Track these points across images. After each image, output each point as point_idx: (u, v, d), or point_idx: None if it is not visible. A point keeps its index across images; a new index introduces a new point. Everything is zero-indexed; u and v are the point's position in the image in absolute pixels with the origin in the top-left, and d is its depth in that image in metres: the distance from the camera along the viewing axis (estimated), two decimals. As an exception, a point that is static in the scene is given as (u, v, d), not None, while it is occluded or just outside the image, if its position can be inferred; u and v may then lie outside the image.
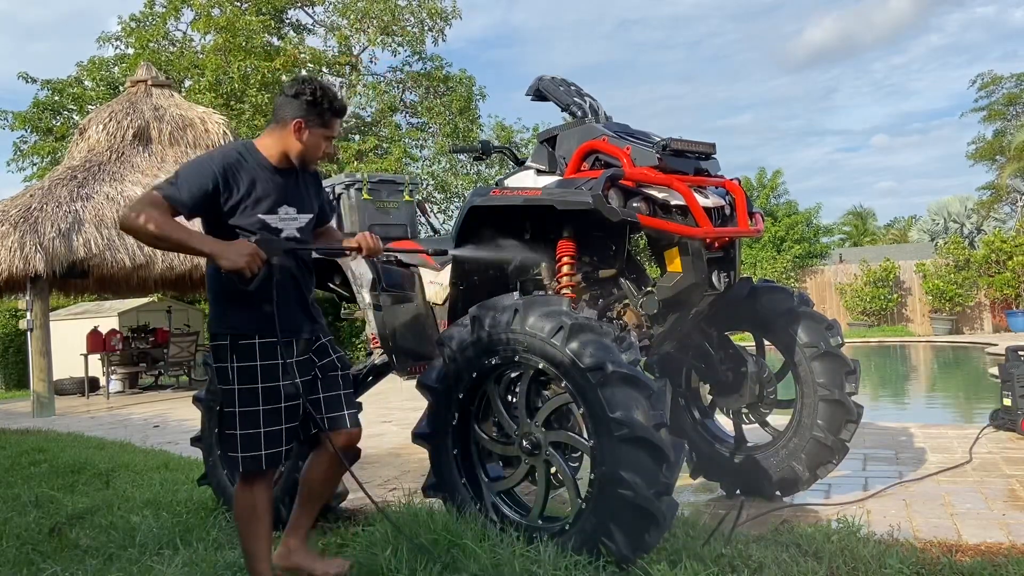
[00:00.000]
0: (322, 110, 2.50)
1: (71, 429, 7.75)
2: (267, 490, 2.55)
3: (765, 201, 22.42)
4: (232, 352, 2.46)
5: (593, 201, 2.81)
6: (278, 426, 2.48)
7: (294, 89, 2.51)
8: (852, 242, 37.98)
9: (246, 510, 2.51)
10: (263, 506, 2.52)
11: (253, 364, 2.45)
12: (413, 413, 3.24)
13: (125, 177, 11.22)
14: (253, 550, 2.51)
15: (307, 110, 2.49)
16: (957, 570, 2.55)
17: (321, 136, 2.54)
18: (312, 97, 2.48)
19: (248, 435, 2.45)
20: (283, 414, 2.49)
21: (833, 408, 3.42)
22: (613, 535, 2.46)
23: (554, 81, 3.46)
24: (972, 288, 17.41)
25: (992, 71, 32.12)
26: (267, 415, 2.46)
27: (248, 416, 2.45)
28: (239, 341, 2.46)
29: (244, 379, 2.46)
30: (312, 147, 2.54)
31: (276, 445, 2.49)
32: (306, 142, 2.52)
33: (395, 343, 3.96)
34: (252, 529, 2.50)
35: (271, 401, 2.47)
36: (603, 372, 2.47)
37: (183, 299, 16.54)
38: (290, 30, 21.47)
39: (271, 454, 2.48)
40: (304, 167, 2.61)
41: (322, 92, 2.50)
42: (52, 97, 19.98)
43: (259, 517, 2.51)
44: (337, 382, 2.66)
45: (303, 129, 2.49)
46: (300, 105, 2.49)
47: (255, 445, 2.45)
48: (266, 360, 2.46)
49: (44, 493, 4.31)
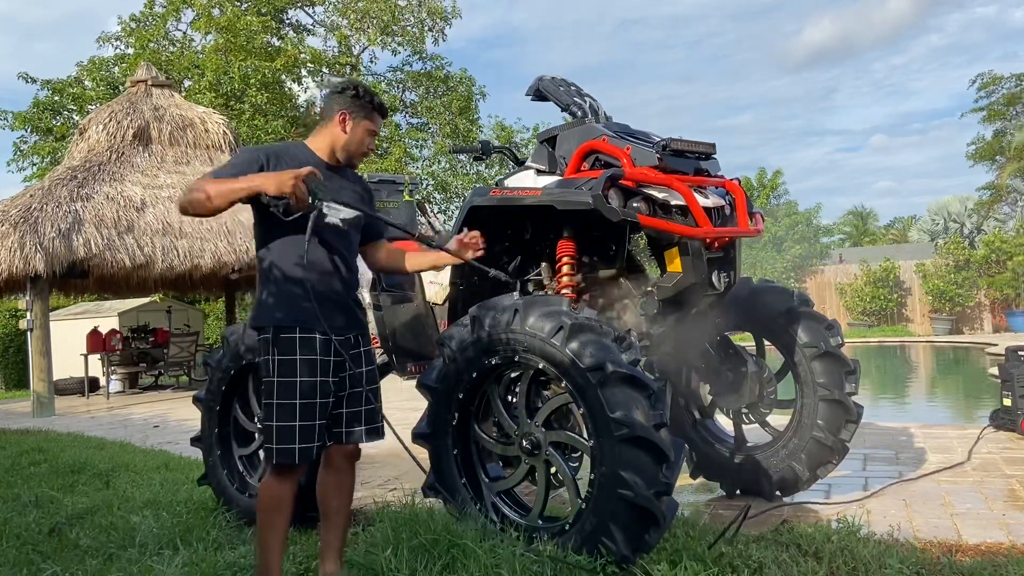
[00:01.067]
0: (364, 103, 2.66)
1: (71, 429, 7.75)
2: (294, 485, 2.59)
3: (765, 201, 22.43)
4: (273, 345, 2.53)
5: (593, 201, 2.81)
6: (312, 421, 2.52)
7: (340, 86, 2.70)
8: (852, 242, 37.97)
9: (271, 502, 2.55)
10: (287, 500, 2.56)
11: (293, 358, 2.51)
12: (413, 413, 3.24)
13: (125, 177, 11.22)
14: (268, 542, 2.54)
15: (351, 103, 2.65)
16: (957, 570, 2.55)
17: (364, 129, 2.67)
18: (355, 91, 2.67)
19: (283, 427, 2.50)
20: (318, 410, 2.54)
21: (833, 408, 3.42)
22: (613, 535, 2.46)
23: (554, 81, 3.46)
24: (972, 288, 17.42)
25: (992, 71, 32.08)
26: (303, 409, 2.51)
27: (284, 409, 2.50)
28: (280, 334, 2.52)
29: (283, 372, 2.51)
30: (356, 139, 2.67)
31: (310, 440, 2.52)
32: (350, 132, 2.65)
33: (395, 343, 3.96)
34: (272, 520, 2.54)
35: (308, 396, 2.52)
36: (603, 372, 2.47)
37: (183, 299, 16.56)
38: (290, 30, 21.46)
39: (304, 448, 2.52)
40: (350, 161, 2.72)
41: (364, 89, 2.70)
42: (52, 97, 19.97)
43: (282, 510, 2.55)
44: (361, 398, 2.69)
45: (347, 120, 2.64)
46: (344, 99, 2.65)
47: (289, 438, 2.50)
48: (305, 355, 2.52)
49: (44, 493, 4.31)
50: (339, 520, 2.72)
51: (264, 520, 2.55)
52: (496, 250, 3.48)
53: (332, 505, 2.71)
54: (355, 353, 2.68)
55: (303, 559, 2.93)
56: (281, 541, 2.57)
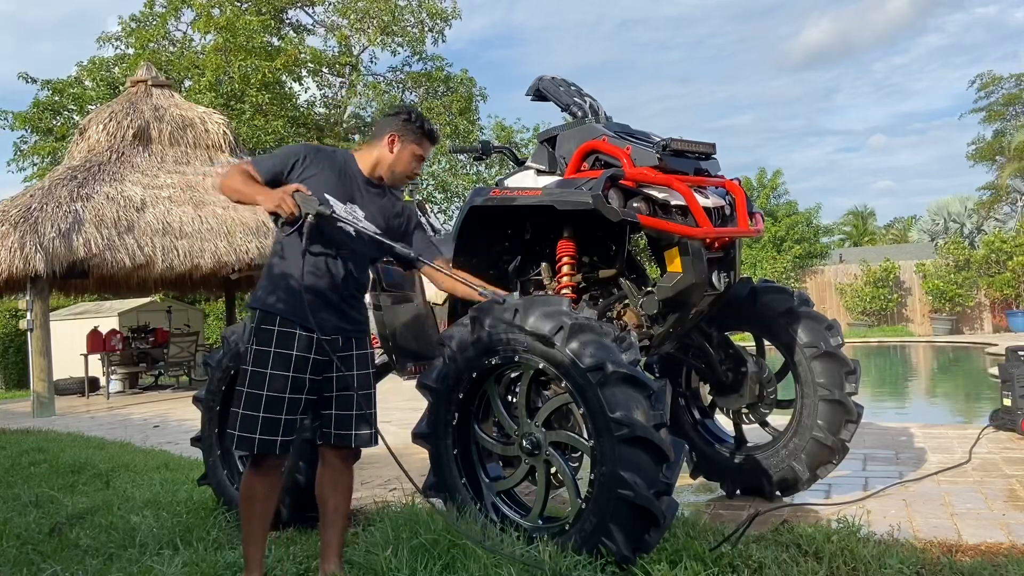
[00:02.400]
0: (415, 128, 2.75)
1: (71, 429, 7.75)
2: (272, 478, 2.64)
3: (765, 201, 22.43)
4: (253, 334, 2.58)
5: (593, 201, 2.81)
6: (278, 415, 2.55)
7: (394, 110, 2.80)
8: (852, 242, 37.96)
9: (246, 492, 2.62)
10: (264, 492, 2.61)
11: (268, 350, 2.55)
12: (413, 413, 3.24)
13: (125, 177, 11.22)
14: (247, 532, 2.62)
15: (402, 126, 2.74)
16: (957, 570, 2.55)
17: (411, 152, 2.74)
18: (408, 116, 2.76)
19: (247, 416, 2.54)
20: (286, 404, 2.55)
21: (833, 408, 3.42)
22: (613, 535, 2.46)
23: (554, 81, 3.46)
24: (972, 288, 17.42)
25: (992, 71, 32.10)
26: (269, 401, 2.54)
27: (252, 398, 2.54)
28: (261, 325, 2.57)
29: (257, 362, 2.55)
30: (401, 161, 2.74)
31: (272, 433, 2.54)
32: (397, 154, 2.73)
33: (395, 343, 3.96)
34: (249, 510, 2.61)
35: (278, 390, 2.54)
36: (603, 372, 2.47)
37: (183, 299, 16.56)
38: (290, 30, 21.46)
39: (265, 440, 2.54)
40: (393, 183, 2.80)
41: (417, 115, 2.79)
42: (52, 97, 19.98)
43: (256, 501, 2.60)
44: (352, 402, 2.69)
45: (396, 142, 2.73)
46: (396, 121, 2.75)
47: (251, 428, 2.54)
48: (281, 349, 2.55)
49: (44, 493, 4.31)
50: (338, 519, 2.73)
51: (242, 510, 2.64)
52: (496, 250, 3.48)
53: (330, 503, 2.72)
54: (346, 355, 2.69)
55: (303, 559, 2.93)
56: (260, 531, 2.62)
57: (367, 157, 2.76)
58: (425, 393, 2.95)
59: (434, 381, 2.90)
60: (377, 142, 2.75)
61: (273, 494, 2.67)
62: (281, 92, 19.11)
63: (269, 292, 2.61)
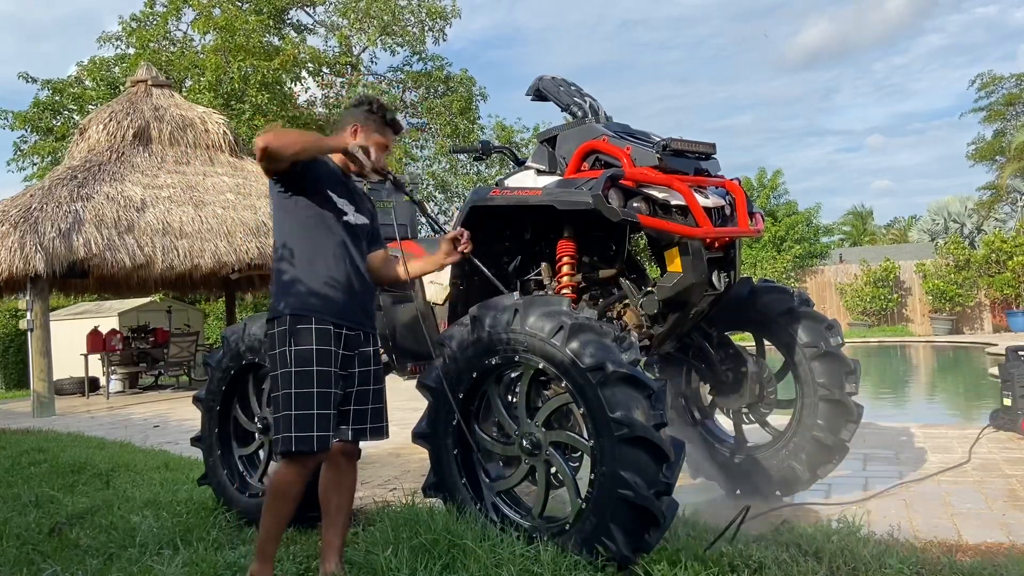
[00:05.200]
0: (377, 118, 2.74)
1: (71, 429, 7.74)
2: (306, 476, 2.60)
3: (765, 201, 22.43)
4: (290, 335, 2.55)
5: (593, 201, 2.81)
6: (328, 410, 2.55)
7: (355, 102, 2.78)
8: (852, 242, 37.97)
9: (281, 486, 2.56)
10: (297, 489, 2.57)
11: (309, 347, 2.54)
12: (413, 413, 3.24)
13: (125, 177, 11.22)
14: (268, 526, 2.57)
15: (364, 117, 2.73)
16: (957, 570, 2.55)
17: (374, 142, 2.70)
18: (370, 106, 2.75)
19: (301, 416, 2.51)
20: (332, 399, 2.57)
21: (833, 408, 3.42)
22: (613, 535, 2.46)
23: (554, 81, 3.46)
24: (972, 288, 17.41)
25: (992, 71, 32.10)
26: (320, 398, 2.53)
27: (302, 397, 2.52)
28: (297, 325, 2.55)
29: (300, 361, 2.53)
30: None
31: (326, 429, 2.54)
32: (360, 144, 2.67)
33: (395, 343, 3.96)
34: (277, 506, 2.56)
35: (324, 385, 2.54)
36: (603, 372, 2.47)
37: (183, 299, 16.56)
38: (290, 30, 21.45)
39: (322, 436, 2.53)
40: (359, 174, 2.75)
41: (380, 105, 2.77)
42: (52, 97, 19.97)
43: (288, 498, 2.56)
44: (367, 396, 2.73)
45: (359, 133, 2.71)
46: (358, 113, 2.74)
47: (308, 426, 2.51)
48: (321, 344, 2.56)
49: (44, 493, 4.31)
50: (340, 518, 2.73)
51: (270, 504, 2.57)
52: (496, 250, 3.48)
53: (333, 503, 2.72)
54: (364, 351, 2.72)
55: (303, 559, 2.93)
56: (280, 528, 2.61)
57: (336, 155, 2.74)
58: (425, 393, 2.95)
59: (434, 381, 2.90)
60: (340, 134, 2.72)
61: (301, 493, 2.62)
62: (280, 92, 19.10)
63: (291, 294, 2.59)
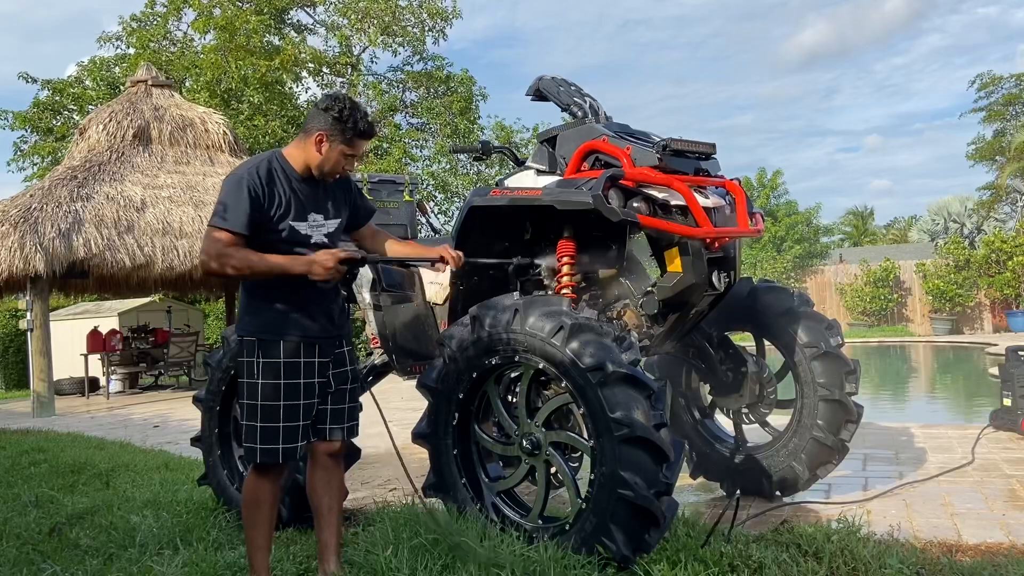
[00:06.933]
0: (346, 128, 2.53)
1: (71, 429, 7.74)
2: (276, 483, 2.65)
3: (765, 201, 22.44)
4: (258, 348, 2.56)
5: (593, 201, 2.80)
6: (296, 422, 2.57)
7: (325, 103, 2.55)
8: (852, 242, 37.96)
9: (251, 498, 2.62)
10: (268, 498, 2.62)
11: (277, 361, 2.55)
12: (413, 413, 3.24)
13: (125, 177, 11.21)
14: (252, 537, 2.62)
15: (332, 125, 2.52)
16: (957, 570, 2.55)
17: (340, 152, 2.56)
18: (339, 114, 2.51)
19: (267, 428, 2.55)
20: (301, 411, 2.58)
21: (833, 408, 3.42)
22: (613, 535, 2.46)
23: (554, 81, 3.46)
24: (972, 288, 17.42)
25: (992, 71, 32.09)
26: (287, 410, 2.55)
27: (268, 410, 2.54)
28: (264, 339, 2.57)
29: (267, 374, 2.55)
30: (330, 161, 2.57)
31: (293, 440, 2.57)
32: (325, 155, 2.55)
33: (395, 343, 3.96)
34: (253, 517, 2.61)
35: (292, 398, 2.56)
36: (603, 372, 2.47)
37: (183, 299, 16.55)
38: (290, 30, 21.44)
39: (288, 448, 2.57)
40: (323, 180, 2.64)
41: (350, 111, 2.53)
42: (52, 97, 19.96)
43: (262, 507, 2.61)
44: (344, 396, 2.74)
45: (324, 142, 2.53)
46: (326, 119, 2.52)
47: (273, 439, 2.55)
48: (289, 358, 2.56)
49: (44, 493, 4.31)
50: (332, 518, 2.73)
51: (246, 516, 2.63)
52: (496, 250, 3.48)
53: (324, 502, 2.73)
54: (339, 353, 2.72)
55: (303, 559, 2.93)
56: (266, 537, 2.63)
57: (297, 156, 2.59)
58: (425, 393, 2.95)
59: (434, 381, 2.91)
60: (305, 139, 2.56)
61: (277, 499, 2.69)
62: (280, 92, 19.08)
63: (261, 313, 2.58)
